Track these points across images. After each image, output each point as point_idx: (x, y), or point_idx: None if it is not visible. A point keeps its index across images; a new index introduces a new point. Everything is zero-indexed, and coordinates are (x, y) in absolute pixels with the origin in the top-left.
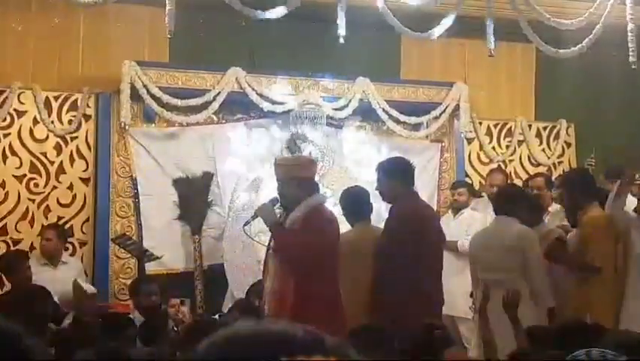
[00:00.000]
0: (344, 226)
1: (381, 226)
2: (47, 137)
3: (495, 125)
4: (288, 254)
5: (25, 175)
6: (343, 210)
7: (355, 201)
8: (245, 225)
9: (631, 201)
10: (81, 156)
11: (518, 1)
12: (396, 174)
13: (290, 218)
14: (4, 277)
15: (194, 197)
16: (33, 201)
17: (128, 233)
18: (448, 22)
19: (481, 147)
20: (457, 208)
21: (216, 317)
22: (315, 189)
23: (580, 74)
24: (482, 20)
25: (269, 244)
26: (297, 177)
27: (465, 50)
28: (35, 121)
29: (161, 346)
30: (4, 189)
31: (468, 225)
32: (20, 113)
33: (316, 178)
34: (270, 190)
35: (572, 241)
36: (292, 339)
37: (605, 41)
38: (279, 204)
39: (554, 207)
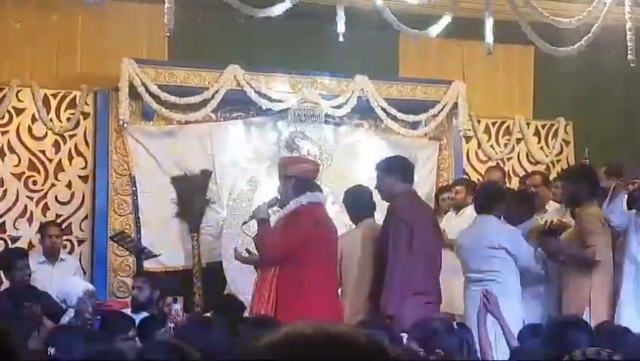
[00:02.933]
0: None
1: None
2: (46, 135)
3: (493, 124)
4: (261, 251)
5: (23, 173)
6: (347, 210)
7: (357, 201)
8: (243, 224)
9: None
10: (79, 154)
11: (517, 1)
12: (394, 172)
13: (277, 216)
14: (2, 275)
15: (192, 195)
16: (31, 198)
17: (126, 231)
18: (446, 20)
19: (479, 145)
20: (456, 206)
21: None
22: (308, 189)
23: (578, 73)
24: (479, 22)
25: None
26: (288, 175)
27: (463, 51)
28: (34, 119)
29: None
30: (2, 186)
31: (469, 223)
32: (19, 111)
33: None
34: (267, 188)
35: (569, 237)
36: (354, 344)
37: (603, 40)
38: (278, 204)
39: (553, 205)
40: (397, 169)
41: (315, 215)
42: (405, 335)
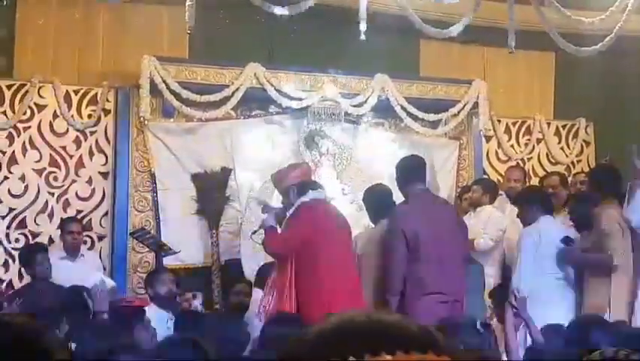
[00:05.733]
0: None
1: None
2: (67, 131)
3: (514, 124)
4: (271, 251)
5: (44, 169)
6: (367, 209)
7: (379, 200)
8: (252, 233)
9: None
10: (100, 151)
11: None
12: (397, 175)
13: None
14: (23, 270)
15: (212, 192)
16: (52, 194)
17: (146, 227)
18: (467, 20)
19: (499, 145)
20: (474, 206)
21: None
22: (310, 189)
23: (599, 75)
24: (500, 30)
25: None
26: (287, 186)
27: (484, 54)
28: (55, 115)
29: None
30: (23, 182)
31: (485, 222)
32: (40, 107)
33: (334, 176)
34: None
35: (587, 238)
36: (406, 333)
37: (624, 43)
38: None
39: None
40: (399, 171)
41: (316, 208)
42: None
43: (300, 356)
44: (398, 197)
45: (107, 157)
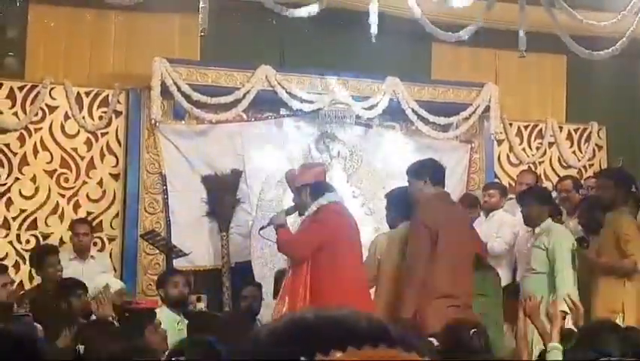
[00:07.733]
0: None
1: None
2: (78, 132)
3: (525, 127)
4: (288, 251)
5: (55, 170)
6: (389, 210)
7: (401, 202)
8: (260, 229)
9: None
10: (111, 152)
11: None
12: (424, 175)
13: (300, 220)
14: (33, 271)
15: (222, 194)
16: (63, 196)
17: (156, 229)
18: (478, 23)
19: (511, 149)
20: (487, 210)
21: None
22: (326, 191)
23: (611, 77)
24: (512, 33)
25: None
26: (301, 185)
27: (495, 57)
28: (66, 116)
29: None
30: (34, 183)
31: (498, 226)
32: (52, 109)
33: (344, 179)
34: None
35: (596, 242)
36: (357, 327)
37: (637, 44)
38: (296, 212)
39: None
40: (426, 172)
41: (336, 211)
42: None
43: (251, 356)
44: None
45: (117, 159)
